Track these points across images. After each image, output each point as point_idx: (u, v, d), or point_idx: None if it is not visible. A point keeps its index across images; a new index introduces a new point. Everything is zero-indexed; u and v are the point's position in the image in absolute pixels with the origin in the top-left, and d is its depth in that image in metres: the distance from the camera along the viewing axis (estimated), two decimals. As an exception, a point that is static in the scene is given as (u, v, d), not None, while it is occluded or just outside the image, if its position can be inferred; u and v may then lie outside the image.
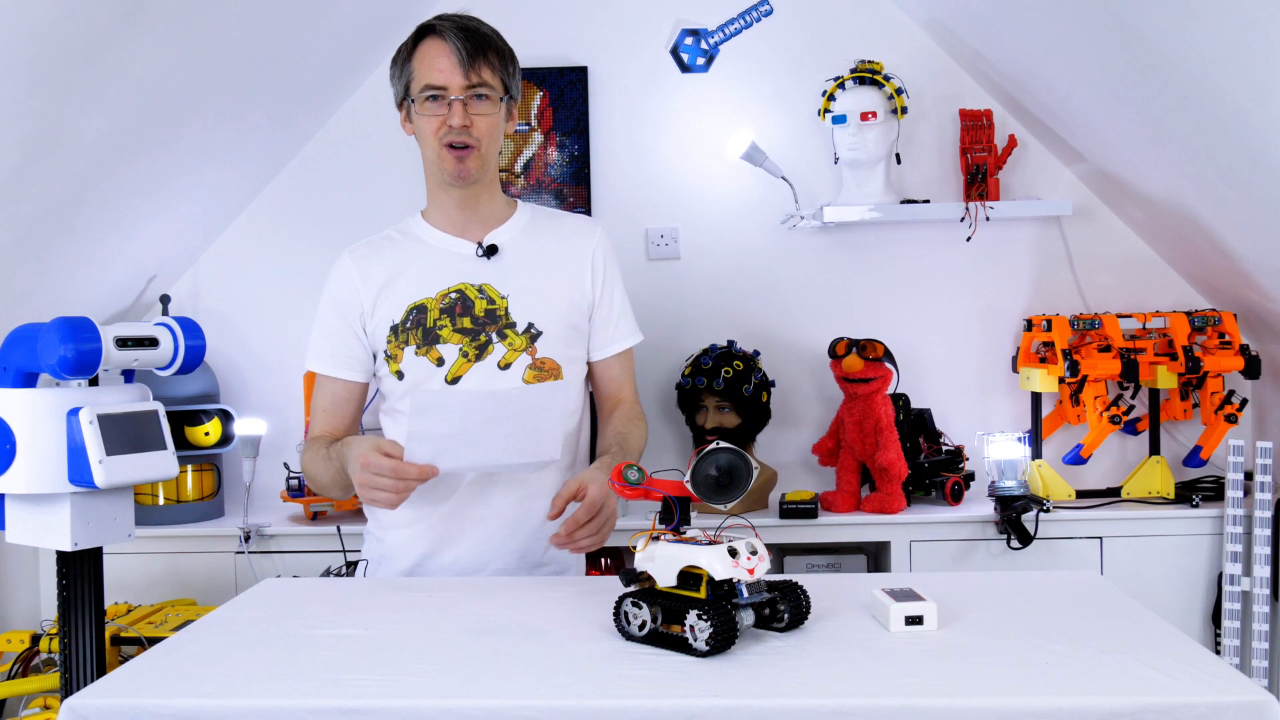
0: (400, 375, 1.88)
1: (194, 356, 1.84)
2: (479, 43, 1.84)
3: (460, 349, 1.87)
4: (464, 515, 1.89)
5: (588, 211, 3.05)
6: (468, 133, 1.84)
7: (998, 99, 3.03)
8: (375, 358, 1.92)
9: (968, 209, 2.92)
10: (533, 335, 1.88)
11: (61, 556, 1.74)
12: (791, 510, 2.71)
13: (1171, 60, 2.16)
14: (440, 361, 1.86)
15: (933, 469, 2.87)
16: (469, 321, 1.87)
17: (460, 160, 1.86)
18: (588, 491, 1.70)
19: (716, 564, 1.33)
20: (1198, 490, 2.82)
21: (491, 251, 1.91)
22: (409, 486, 1.65)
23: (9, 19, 1.83)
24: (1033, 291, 3.06)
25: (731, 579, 1.35)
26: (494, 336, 1.87)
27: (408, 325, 1.88)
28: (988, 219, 2.93)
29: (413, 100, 1.87)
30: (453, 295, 1.88)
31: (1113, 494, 2.87)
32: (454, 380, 1.87)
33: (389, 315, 1.89)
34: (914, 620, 1.42)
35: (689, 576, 1.36)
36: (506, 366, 1.87)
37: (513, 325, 1.88)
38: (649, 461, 1.91)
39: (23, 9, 1.83)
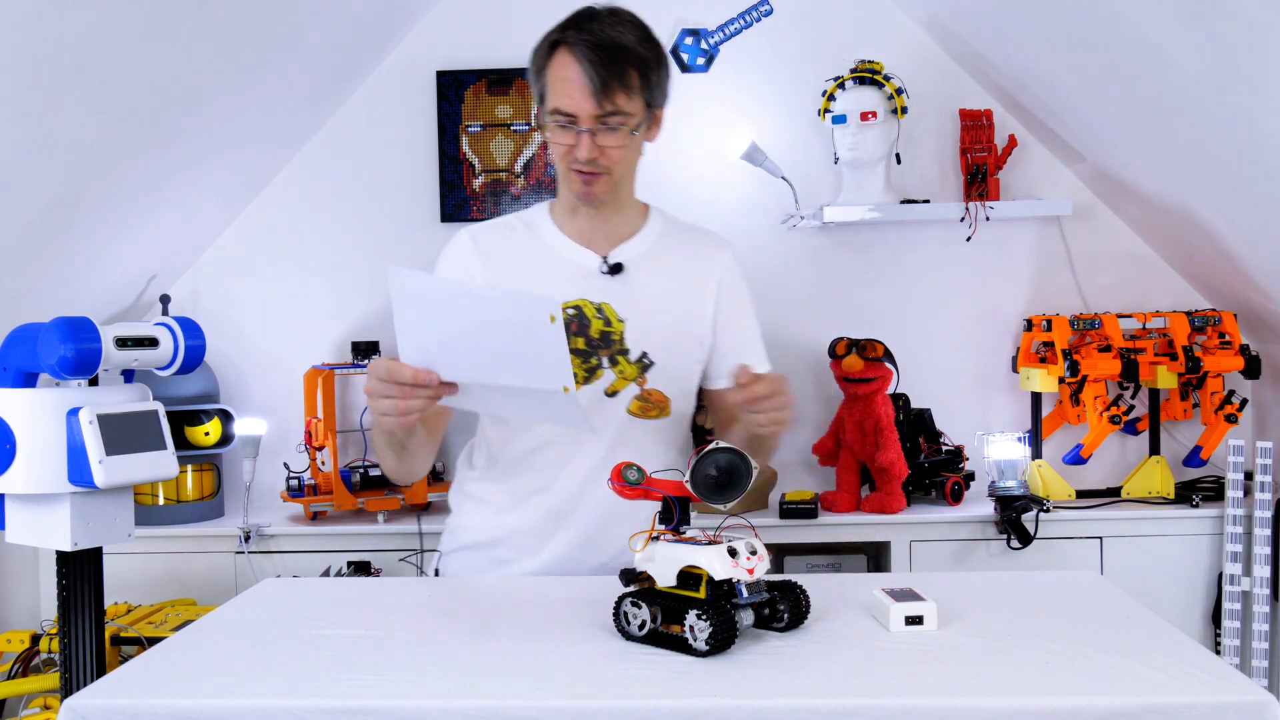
0: None
1: (194, 356, 1.84)
2: (616, 63, 1.69)
3: None
4: (550, 526, 1.82)
5: (588, 211, 3.05)
6: (596, 162, 1.74)
7: (998, 99, 3.03)
8: None
9: (968, 209, 2.92)
10: (644, 365, 1.80)
11: (61, 556, 1.74)
12: (791, 510, 2.71)
13: (1171, 60, 2.16)
14: None
15: (933, 469, 2.86)
16: (583, 342, 1.78)
17: (588, 184, 1.76)
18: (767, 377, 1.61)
19: (716, 564, 1.33)
20: (1198, 490, 2.82)
21: (617, 270, 1.81)
22: (410, 394, 1.50)
23: (8, 19, 1.82)
24: (1033, 291, 3.06)
25: (731, 579, 1.35)
26: (605, 362, 1.78)
27: None
28: (988, 219, 2.93)
29: (544, 113, 1.75)
30: (570, 311, 1.78)
31: (1113, 494, 2.87)
32: None
33: None
34: (914, 620, 1.42)
35: (689, 576, 1.36)
36: (614, 394, 1.80)
37: (626, 352, 1.79)
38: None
39: (22, 9, 1.83)
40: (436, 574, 1.94)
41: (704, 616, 1.32)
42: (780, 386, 1.61)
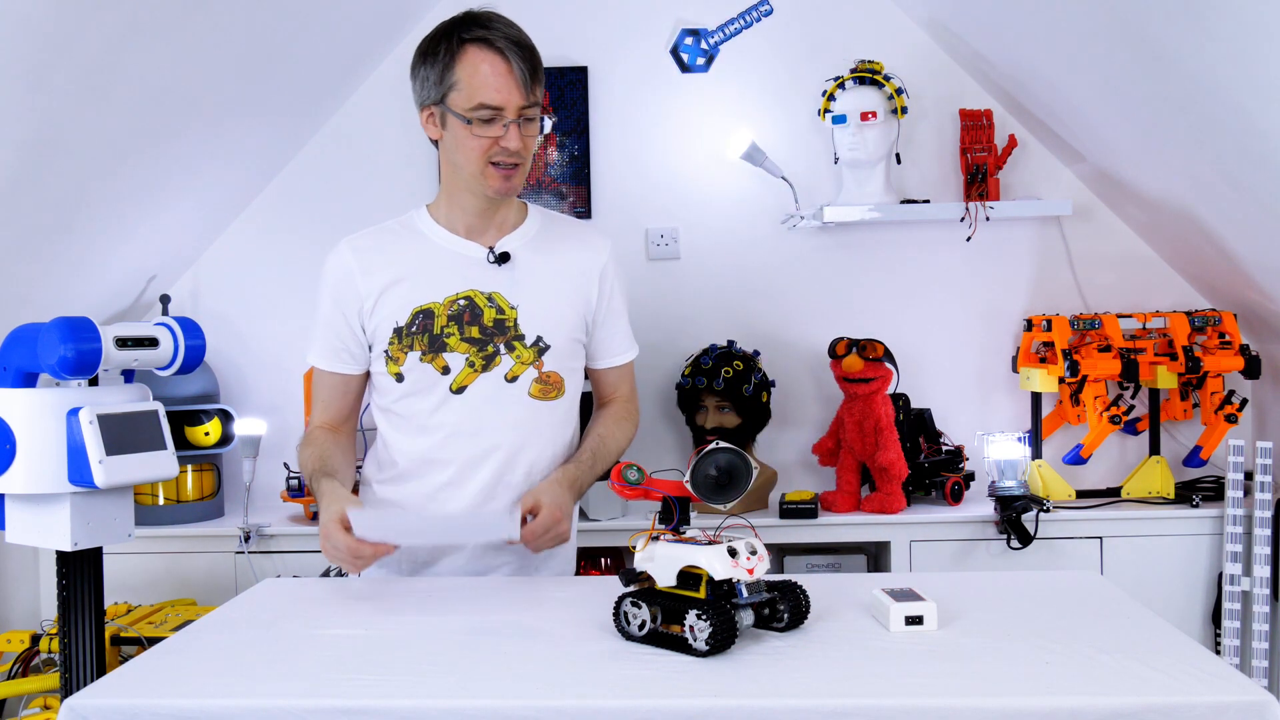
0: (400, 378, 1.85)
1: (194, 356, 1.84)
2: (533, 59, 1.79)
3: (467, 358, 1.83)
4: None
5: (588, 212, 3.05)
6: (518, 153, 1.80)
7: (998, 99, 3.03)
8: (371, 349, 1.88)
9: (968, 209, 2.92)
10: (540, 349, 1.86)
11: (61, 556, 1.74)
12: (791, 510, 2.71)
13: (1172, 60, 2.16)
14: (446, 370, 1.83)
15: (933, 469, 2.87)
16: (477, 331, 1.83)
17: (509, 179, 1.82)
18: (541, 511, 1.75)
19: (716, 564, 1.33)
20: (1198, 490, 2.82)
21: (504, 259, 1.86)
22: (368, 562, 1.66)
23: (9, 20, 1.82)
24: (1033, 291, 3.06)
25: (731, 579, 1.35)
26: (502, 348, 1.84)
27: (413, 329, 1.84)
28: (988, 219, 2.93)
29: (453, 111, 1.77)
30: (461, 302, 1.84)
31: (1113, 494, 2.87)
32: (459, 390, 1.84)
33: (393, 316, 1.85)
34: (914, 620, 1.42)
35: (689, 576, 1.36)
36: (514, 379, 1.85)
37: (521, 337, 1.85)
38: (649, 461, 1.91)
39: (23, 10, 1.83)
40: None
41: (704, 616, 1.32)
42: (553, 519, 1.75)
